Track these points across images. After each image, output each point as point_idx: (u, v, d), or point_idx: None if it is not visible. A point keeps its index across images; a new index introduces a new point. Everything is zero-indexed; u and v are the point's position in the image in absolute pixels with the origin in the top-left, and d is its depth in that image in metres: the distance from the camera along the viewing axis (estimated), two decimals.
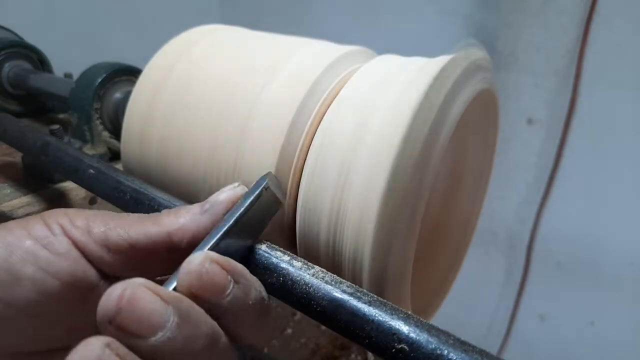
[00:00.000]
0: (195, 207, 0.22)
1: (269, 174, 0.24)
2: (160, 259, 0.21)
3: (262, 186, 0.23)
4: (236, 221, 0.21)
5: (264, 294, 0.21)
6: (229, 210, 0.22)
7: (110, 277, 0.21)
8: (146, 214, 0.22)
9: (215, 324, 0.18)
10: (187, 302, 0.17)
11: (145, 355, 0.15)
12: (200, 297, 0.17)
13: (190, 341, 0.16)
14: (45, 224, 0.20)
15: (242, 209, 0.22)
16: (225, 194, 0.22)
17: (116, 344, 0.15)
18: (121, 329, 0.15)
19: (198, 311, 0.17)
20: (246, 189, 0.23)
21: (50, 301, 0.20)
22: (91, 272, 0.21)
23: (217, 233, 0.21)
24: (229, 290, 0.18)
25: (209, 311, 0.18)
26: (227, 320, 0.18)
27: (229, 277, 0.18)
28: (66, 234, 0.20)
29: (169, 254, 0.21)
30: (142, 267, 0.21)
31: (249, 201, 0.22)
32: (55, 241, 0.20)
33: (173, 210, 0.22)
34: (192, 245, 0.20)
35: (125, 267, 0.21)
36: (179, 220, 0.21)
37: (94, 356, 0.14)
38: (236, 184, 0.23)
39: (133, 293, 0.15)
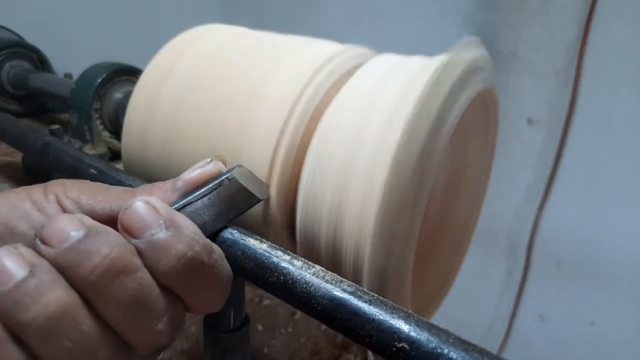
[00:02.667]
0: (168, 184, 0.24)
1: (238, 166, 0.24)
2: None
3: (225, 177, 0.23)
4: (184, 204, 0.22)
5: (209, 258, 0.21)
6: (195, 189, 0.23)
7: None
8: (130, 188, 0.24)
9: (126, 246, 0.20)
10: (105, 229, 0.20)
11: (51, 261, 0.19)
12: (125, 228, 0.20)
13: (86, 256, 0.19)
14: (44, 192, 0.23)
15: (196, 194, 0.23)
16: (197, 172, 0.24)
17: (23, 248, 0.19)
18: (41, 240, 0.19)
19: (112, 238, 0.19)
20: (220, 165, 0.24)
21: None
22: None
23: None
24: (153, 231, 0.20)
25: (136, 248, 0.20)
26: (149, 262, 0.20)
27: (161, 221, 0.20)
28: (58, 202, 0.22)
29: None
30: None
31: (205, 189, 0.23)
32: (48, 206, 0.22)
33: (149, 185, 0.24)
34: None
35: None
36: (151, 196, 0.23)
37: (2, 252, 0.18)
38: (208, 160, 0.24)
39: (59, 218, 0.19)
